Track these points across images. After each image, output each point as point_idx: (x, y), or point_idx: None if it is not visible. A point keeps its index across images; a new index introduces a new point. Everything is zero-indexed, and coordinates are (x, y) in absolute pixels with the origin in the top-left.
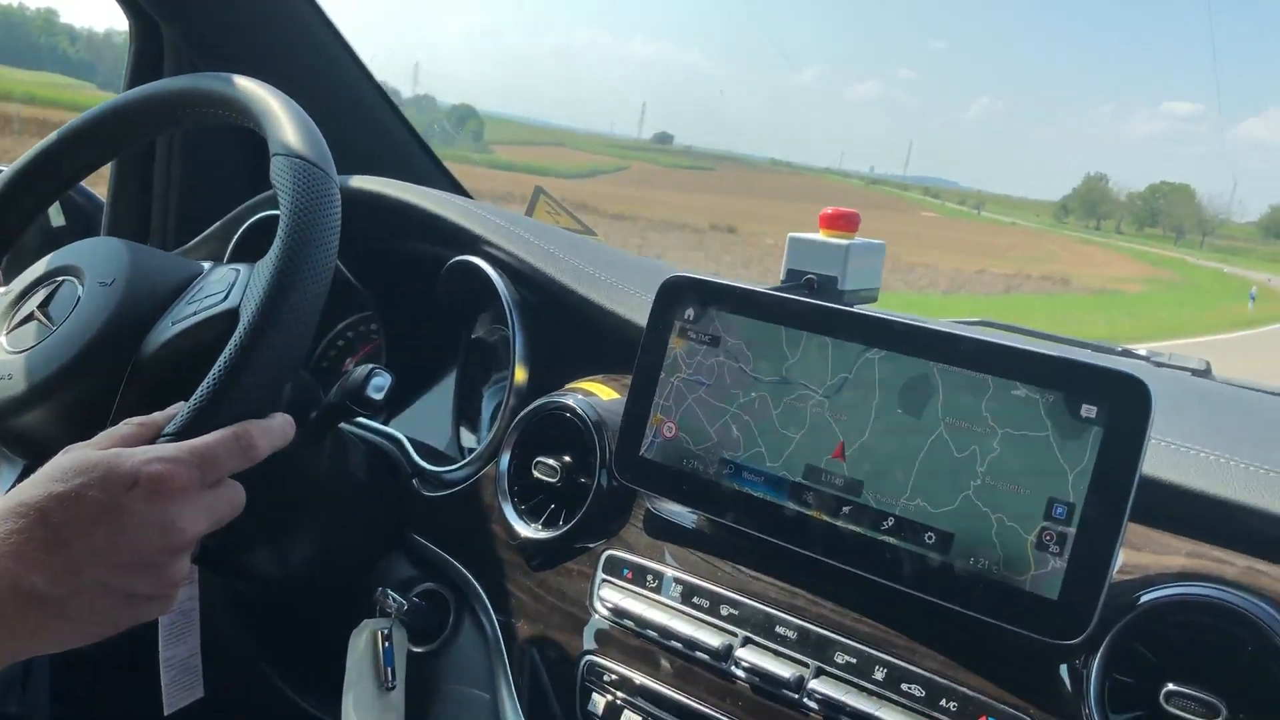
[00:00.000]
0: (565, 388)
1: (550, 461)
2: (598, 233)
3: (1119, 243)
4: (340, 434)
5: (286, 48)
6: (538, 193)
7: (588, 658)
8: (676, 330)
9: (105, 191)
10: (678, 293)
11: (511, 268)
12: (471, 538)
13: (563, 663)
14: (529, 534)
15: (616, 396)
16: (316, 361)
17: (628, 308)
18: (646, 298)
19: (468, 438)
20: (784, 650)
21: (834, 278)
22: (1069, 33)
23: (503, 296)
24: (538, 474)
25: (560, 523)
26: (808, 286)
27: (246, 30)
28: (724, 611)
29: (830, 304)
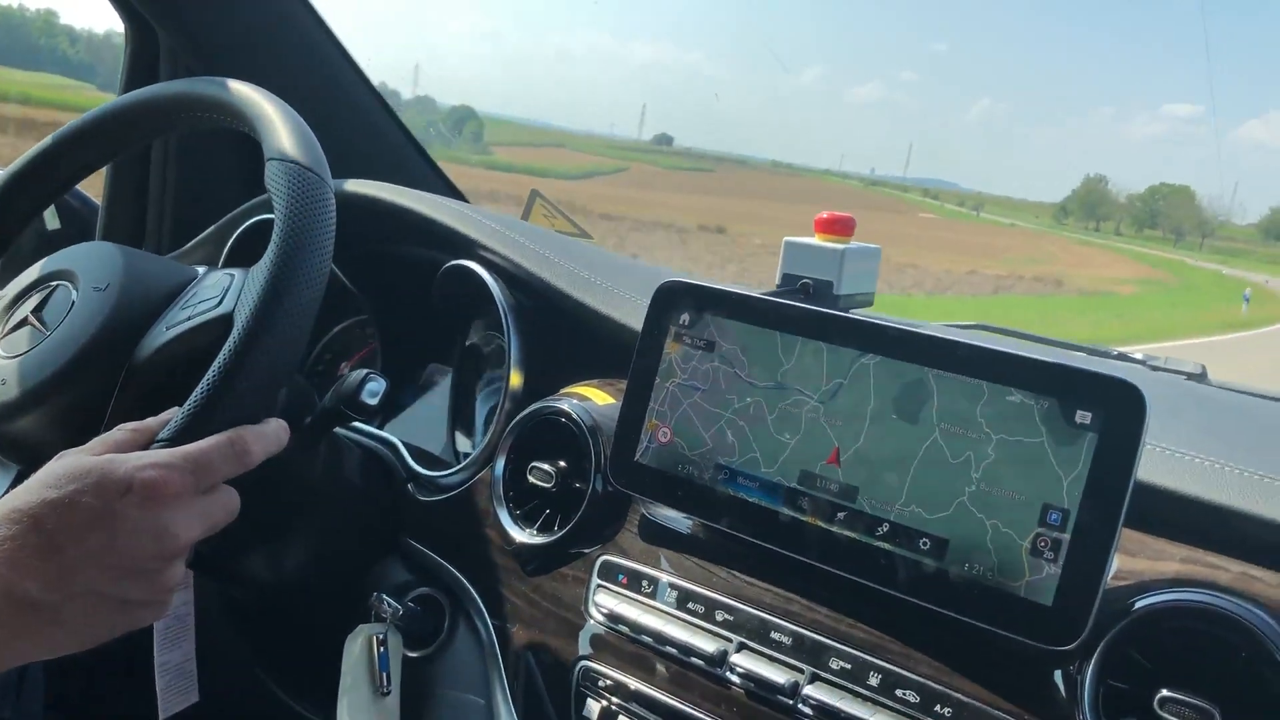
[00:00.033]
0: (560, 392)
1: (545, 466)
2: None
3: (1117, 244)
4: (335, 438)
5: (282, 51)
6: (533, 196)
7: (583, 663)
8: (672, 335)
9: (100, 195)
10: (673, 297)
11: (507, 272)
12: (466, 543)
13: (558, 668)
14: (524, 539)
15: (611, 401)
16: (312, 365)
17: (623, 312)
18: (642, 302)
19: (463, 442)
20: (779, 656)
21: (829, 282)
22: (1070, 35)
23: (498, 301)
24: (533, 479)
25: (555, 528)
26: (803, 291)
27: (242, 34)
28: (719, 617)
29: (825, 309)
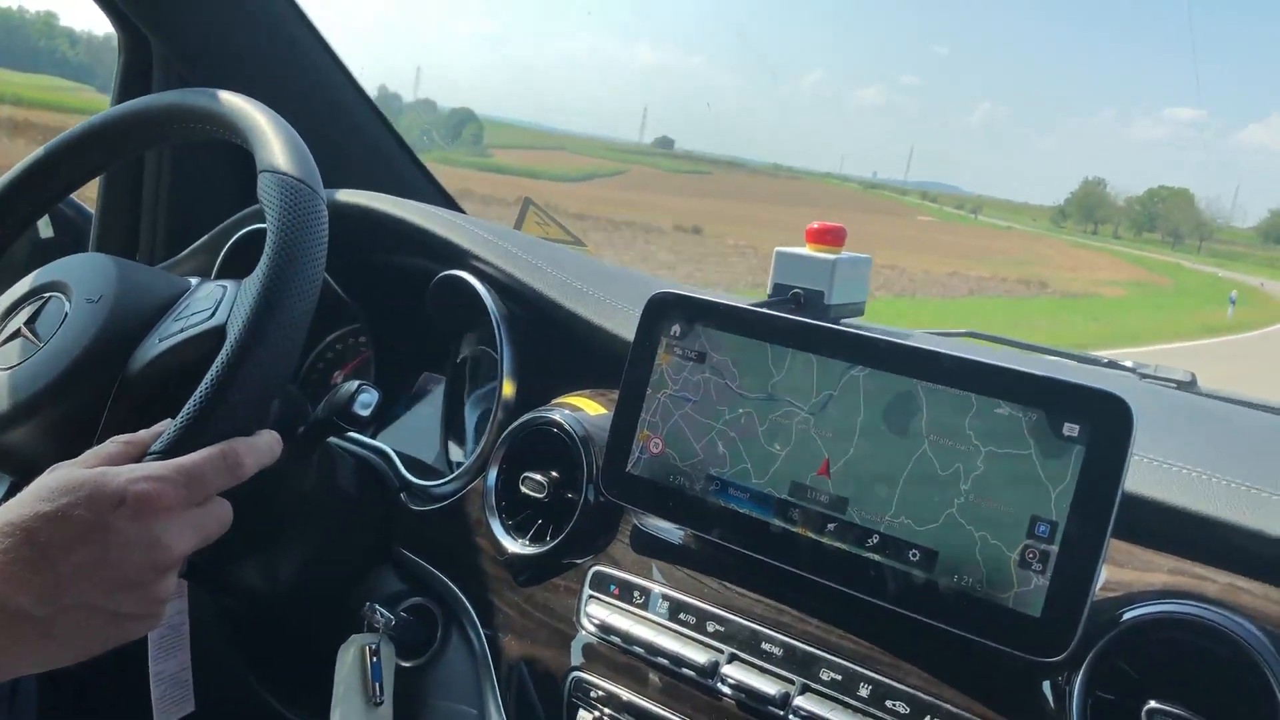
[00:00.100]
0: (552, 403)
1: (537, 477)
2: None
3: (1115, 247)
4: (328, 448)
5: (276, 60)
6: (526, 204)
7: (575, 674)
8: (663, 346)
9: (94, 203)
10: (664, 309)
11: (499, 282)
12: (459, 552)
13: (550, 678)
14: (516, 549)
15: (604, 412)
16: (305, 374)
17: (615, 322)
18: (634, 312)
19: (456, 451)
20: (770, 667)
21: (820, 292)
22: (1072, 38)
23: (490, 311)
24: (525, 489)
25: (547, 538)
26: (794, 301)
27: (235, 43)
28: (710, 628)
29: (815, 320)
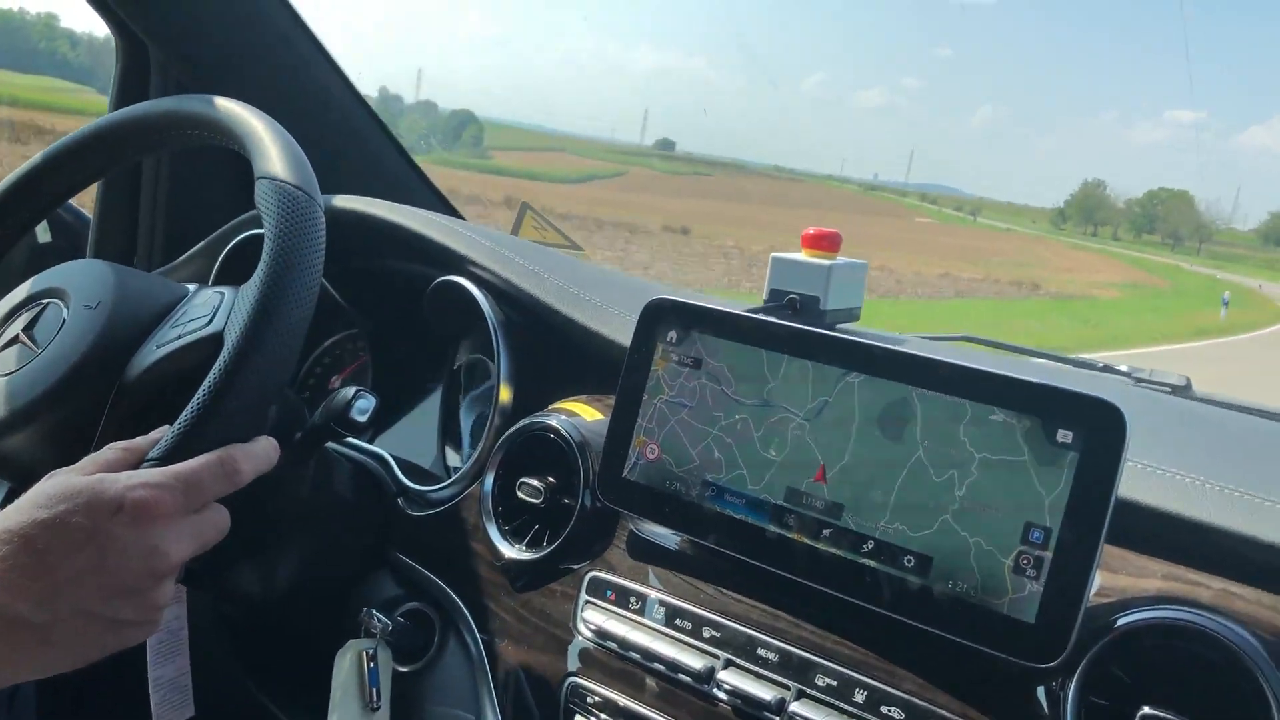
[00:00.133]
0: (549, 408)
1: (534, 482)
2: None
3: (1114, 249)
4: (325, 453)
5: (273, 67)
6: (523, 209)
7: (571, 679)
8: (659, 352)
9: (92, 208)
10: (660, 314)
11: (496, 287)
12: (456, 557)
13: (546, 684)
14: (513, 555)
15: (600, 417)
16: (302, 379)
17: (611, 328)
18: (631, 318)
19: (453, 456)
20: (765, 673)
21: (816, 298)
22: (1073, 40)
23: (487, 317)
24: (522, 495)
25: (544, 544)
26: (790, 306)
27: (233, 49)
28: (706, 633)
29: (810, 327)
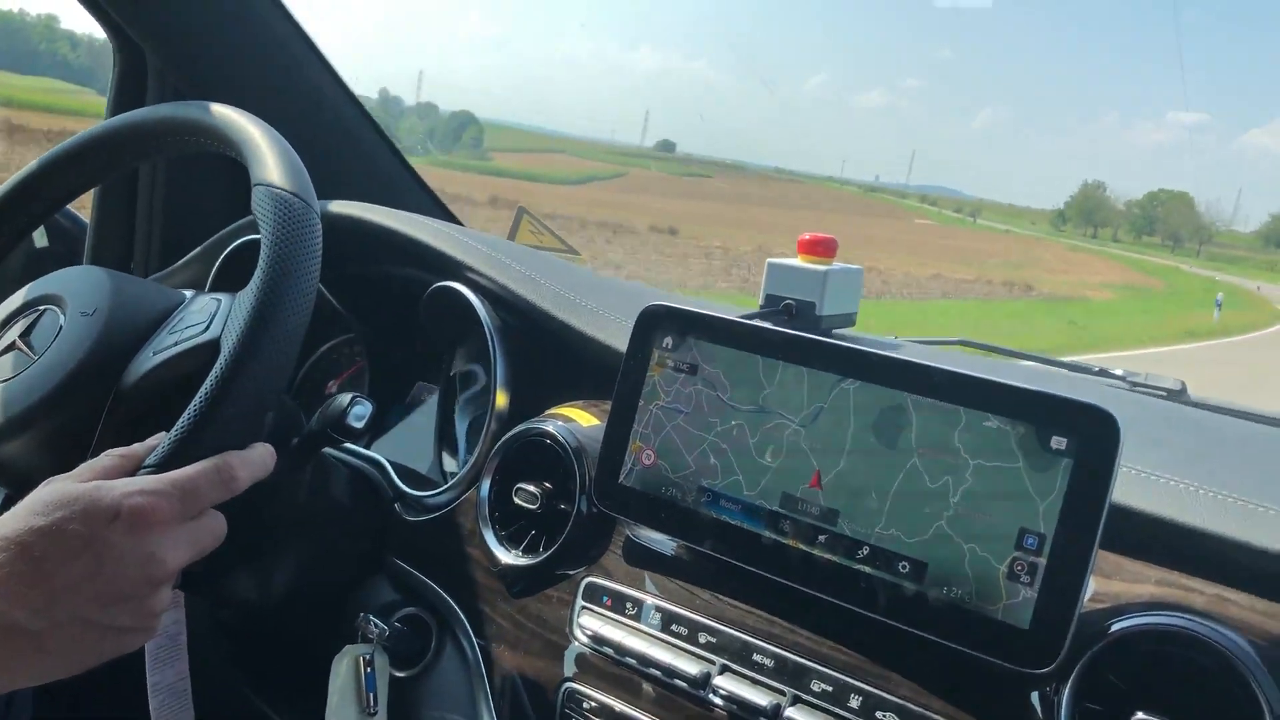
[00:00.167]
0: (545, 414)
1: (531, 488)
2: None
3: (1113, 250)
4: (322, 458)
5: (270, 72)
6: (520, 214)
7: (567, 684)
8: (655, 358)
9: (89, 213)
10: (656, 320)
11: (492, 293)
12: (452, 563)
13: (543, 689)
14: (509, 560)
15: (596, 423)
16: (300, 384)
17: (608, 333)
18: (627, 323)
19: (450, 461)
20: (761, 678)
21: (812, 303)
22: (1075, 42)
23: (484, 322)
24: (518, 500)
25: (540, 549)
26: (786, 312)
27: (230, 55)
28: (702, 639)
29: (806, 333)
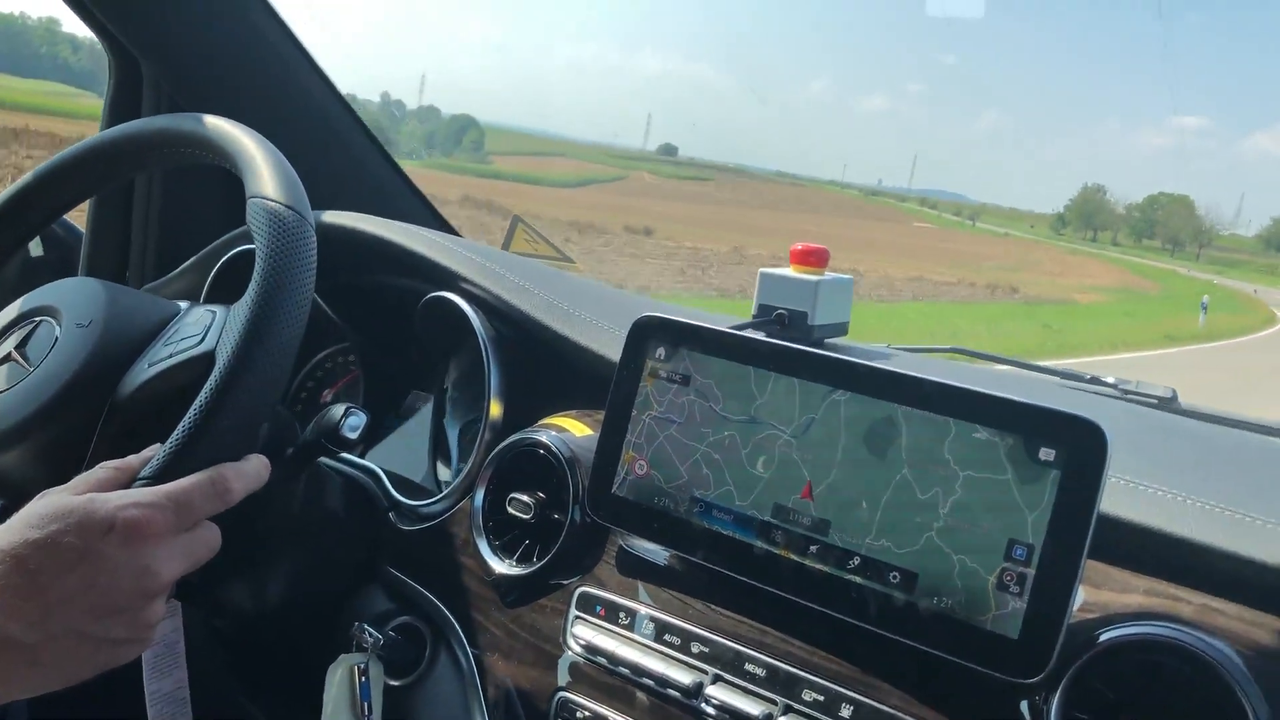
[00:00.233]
0: (539, 423)
1: (524, 498)
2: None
3: (1111, 254)
4: (316, 468)
5: (265, 83)
6: (515, 223)
7: (561, 694)
8: (648, 369)
9: (84, 223)
10: (649, 331)
11: (486, 303)
12: (447, 572)
13: (536, 699)
14: (503, 570)
15: (589, 433)
16: (294, 394)
17: (601, 343)
18: (620, 333)
19: (444, 470)
20: (753, 688)
21: (804, 313)
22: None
23: (478, 332)
24: (512, 510)
25: (534, 559)
26: (778, 322)
27: (226, 67)
28: (695, 649)
29: (797, 345)
